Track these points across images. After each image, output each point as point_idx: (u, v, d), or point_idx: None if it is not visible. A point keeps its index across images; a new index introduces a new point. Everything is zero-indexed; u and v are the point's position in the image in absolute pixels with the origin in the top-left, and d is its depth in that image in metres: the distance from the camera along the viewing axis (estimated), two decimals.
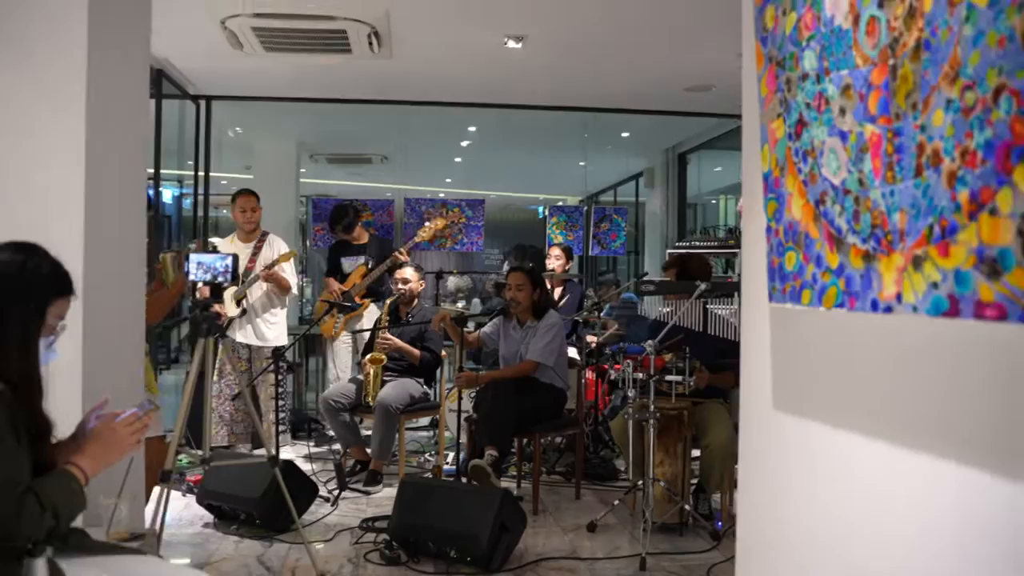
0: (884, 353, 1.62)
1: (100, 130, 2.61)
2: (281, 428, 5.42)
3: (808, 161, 1.69)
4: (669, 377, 3.79)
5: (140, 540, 2.15)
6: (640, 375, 3.66)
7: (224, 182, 11.28)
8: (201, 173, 6.76)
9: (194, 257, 2.31)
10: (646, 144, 9.16)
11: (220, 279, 2.28)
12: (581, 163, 9.65)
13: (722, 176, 10.34)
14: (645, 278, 4.43)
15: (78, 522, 1.83)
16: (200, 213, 6.88)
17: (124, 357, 2.64)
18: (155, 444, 2.96)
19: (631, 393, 3.66)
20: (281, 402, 5.43)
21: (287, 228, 8.05)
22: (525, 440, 4.73)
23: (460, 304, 12.95)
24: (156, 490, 3.11)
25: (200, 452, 3.07)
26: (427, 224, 5.97)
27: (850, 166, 1.55)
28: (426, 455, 5.50)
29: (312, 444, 5.74)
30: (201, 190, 6.79)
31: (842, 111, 1.57)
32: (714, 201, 10.64)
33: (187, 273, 2.30)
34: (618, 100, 6.75)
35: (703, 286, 3.55)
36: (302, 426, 6.07)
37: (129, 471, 2.30)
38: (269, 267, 5.16)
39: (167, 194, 9.48)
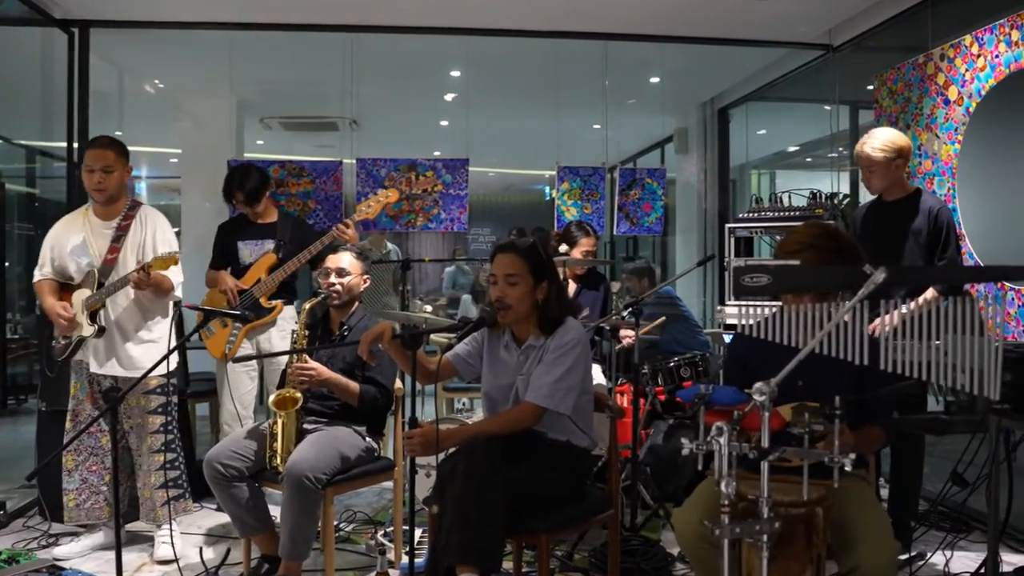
0: None
1: None
2: (175, 493, 3.63)
3: None
4: (791, 451, 1.97)
5: None
6: (747, 448, 1.85)
7: (174, 160, 9.44)
8: (76, 144, 4.94)
9: None
10: (678, 95, 7.35)
11: None
12: (596, 126, 7.82)
13: (767, 141, 8.46)
14: (750, 263, 2.59)
15: None
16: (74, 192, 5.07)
17: None
18: None
19: (726, 487, 1.85)
20: (171, 456, 3.63)
21: (223, 212, 6.20)
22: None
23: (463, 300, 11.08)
24: None
25: None
26: (372, 197, 4.14)
27: None
28: (380, 534, 3.69)
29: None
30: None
31: None
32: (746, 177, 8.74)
33: None
34: (649, 21, 4.93)
35: (880, 274, 1.71)
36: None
37: None
38: (143, 268, 3.31)
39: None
